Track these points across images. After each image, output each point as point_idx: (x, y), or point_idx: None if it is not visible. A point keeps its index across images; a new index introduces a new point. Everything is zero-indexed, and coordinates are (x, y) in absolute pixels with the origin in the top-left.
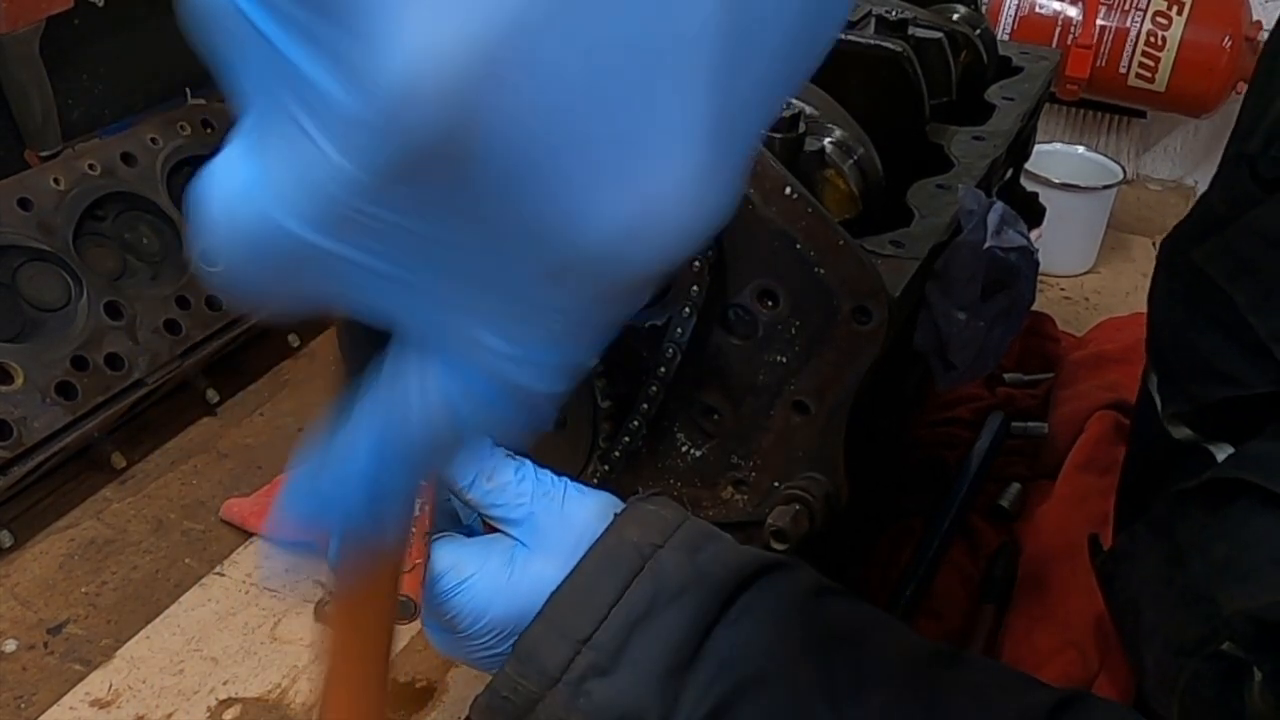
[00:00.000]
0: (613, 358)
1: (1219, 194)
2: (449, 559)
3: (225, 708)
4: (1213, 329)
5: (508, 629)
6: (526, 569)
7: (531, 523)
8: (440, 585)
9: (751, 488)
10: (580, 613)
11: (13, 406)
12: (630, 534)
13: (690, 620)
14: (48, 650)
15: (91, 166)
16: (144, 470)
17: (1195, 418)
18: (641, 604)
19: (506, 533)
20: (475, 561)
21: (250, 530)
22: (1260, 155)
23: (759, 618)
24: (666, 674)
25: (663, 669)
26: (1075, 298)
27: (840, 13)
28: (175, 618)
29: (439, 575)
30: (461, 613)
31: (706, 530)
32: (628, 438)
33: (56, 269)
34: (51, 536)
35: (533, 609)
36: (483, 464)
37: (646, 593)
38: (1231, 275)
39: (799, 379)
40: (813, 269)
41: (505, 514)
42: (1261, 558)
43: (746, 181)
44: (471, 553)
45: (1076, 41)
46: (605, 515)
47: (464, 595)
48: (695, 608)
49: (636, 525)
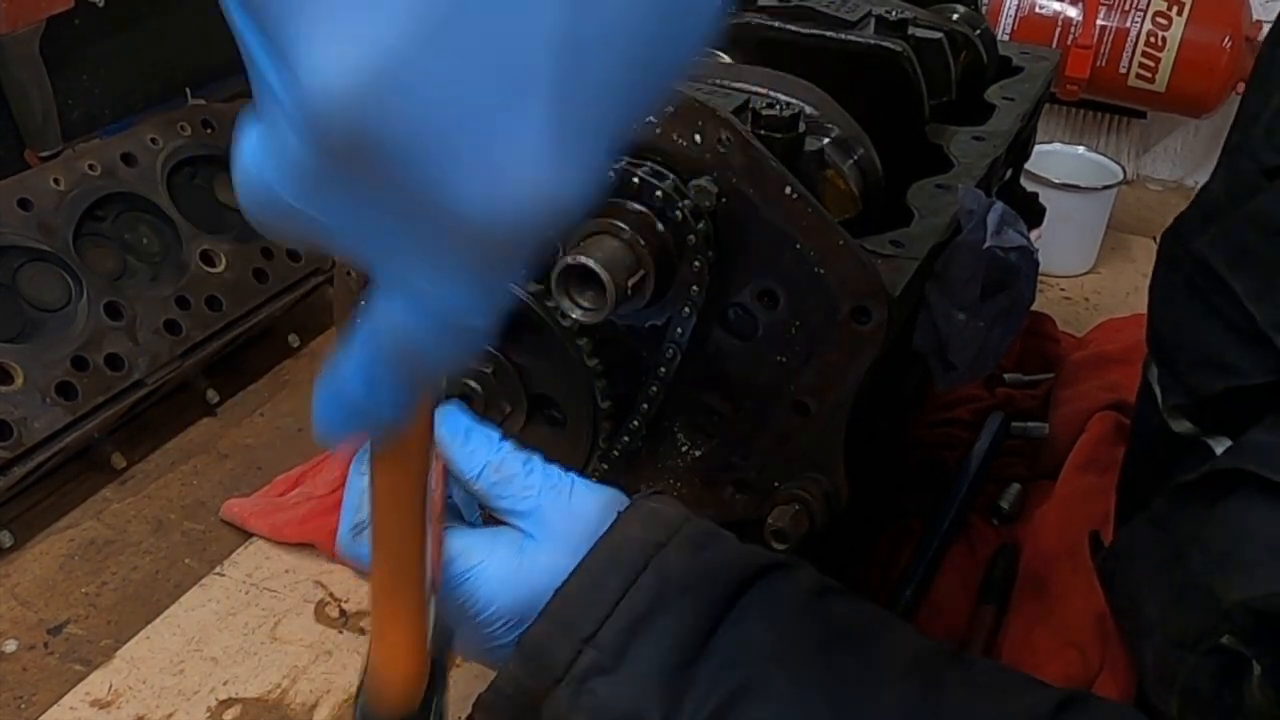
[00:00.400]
0: (613, 358)
1: (1220, 184)
2: (459, 545)
3: (225, 708)
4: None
5: (515, 618)
6: (535, 559)
7: (538, 515)
8: (450, 571)
9: (751, 488)
10: (584, 611)
11: (13, 406)
12: (634, 532)
13: (693, 620)
14: (48, 650)
15: (91, 167)
16: (144, 470)
17: (1195, 410)
18: (645, 604)
19: (514, 525)
20: (484, 549)
21: (250, 530)
22: (1262, 144)
23: (762, 618)
24: (669, 674)
25: (666, 669)
26: (1075, 298)
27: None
28: (175, 618)
29: (449, 560)
30: (471, 599)
31: (710, 529)
32: (628, 438)
33: (56, 269)
34: (51, 537)
35: (541, 599)
36: (491, 456)
37: (650, 592)
38: (1231, 264)
39: (799, 379)
40: (813, 269)
41: (512, 505)
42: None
43: (746, 181)
44: (481, 540)
45: (1076, 42)
46: (612, 510)
47: (474, 581)
48: (698, 608)
49: (640, 523)
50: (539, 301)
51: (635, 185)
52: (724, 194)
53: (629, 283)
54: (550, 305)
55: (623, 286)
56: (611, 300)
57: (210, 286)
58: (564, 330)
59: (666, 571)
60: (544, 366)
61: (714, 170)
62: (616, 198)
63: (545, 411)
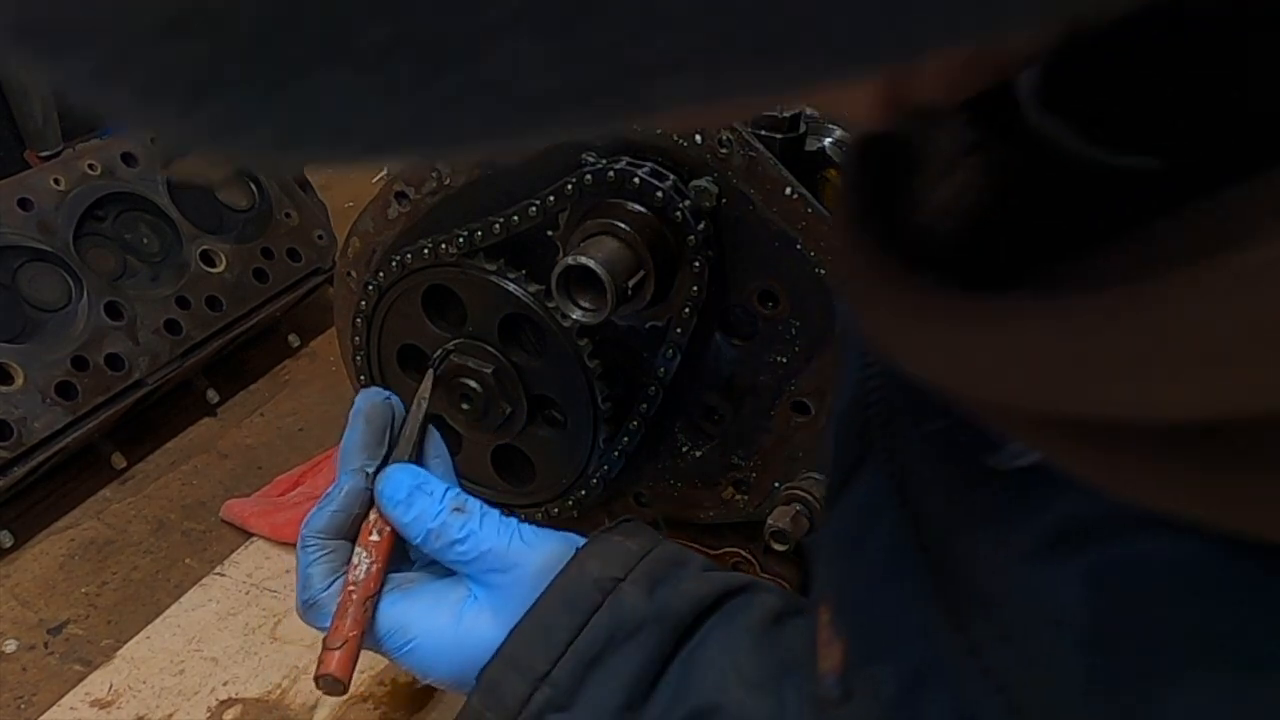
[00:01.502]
0: (613, 359)
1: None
2: (395, 619)
3: (225, 708)
4: None
5: (455, 681)
6: (476, 623)
7: (479, 576)
8: (387, 645)
9: (752, 488)
10: (538, 649)
11: (13, 406)
12: (591, 568)
13: (646, 657)
14: (48, 650)
15: (92, 166)
16: (144, 470)
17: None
18: (599, 642)
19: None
20: (422, 621)
21: (250, 530)
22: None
23: (714, 650)
24: (621, 710)
25: (618, 705)
26: None
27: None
28: (175, 618)
29: (385, 635)
30: (414, 667)
31: (672, 558)
32: (627, 438)
33: (56, 269)
34: (51, 536)
35: (476, 666)
36: (430, 523)
37: (603, 630)
38: None
39: (799, 379)
40: (813, 269)
41: (458, 568)
42: None
43: (746, 182)
44: (420, 611)
45: None
46: (561, 555)
47: (411, 656)
48: (652, 644)
49: (598, 559)
50: (539, 302)
51: (636, 185)
52: (724, 194)
53: (629, 283)
54: (550, 306)
55: (623, 287)
56: (612, 301)
57: (210, 286)
58: (564, 331)
59: (621, 609)
60: (544, 367)
61: (714, 170)
62: (616, 198)
63: (545, 412)
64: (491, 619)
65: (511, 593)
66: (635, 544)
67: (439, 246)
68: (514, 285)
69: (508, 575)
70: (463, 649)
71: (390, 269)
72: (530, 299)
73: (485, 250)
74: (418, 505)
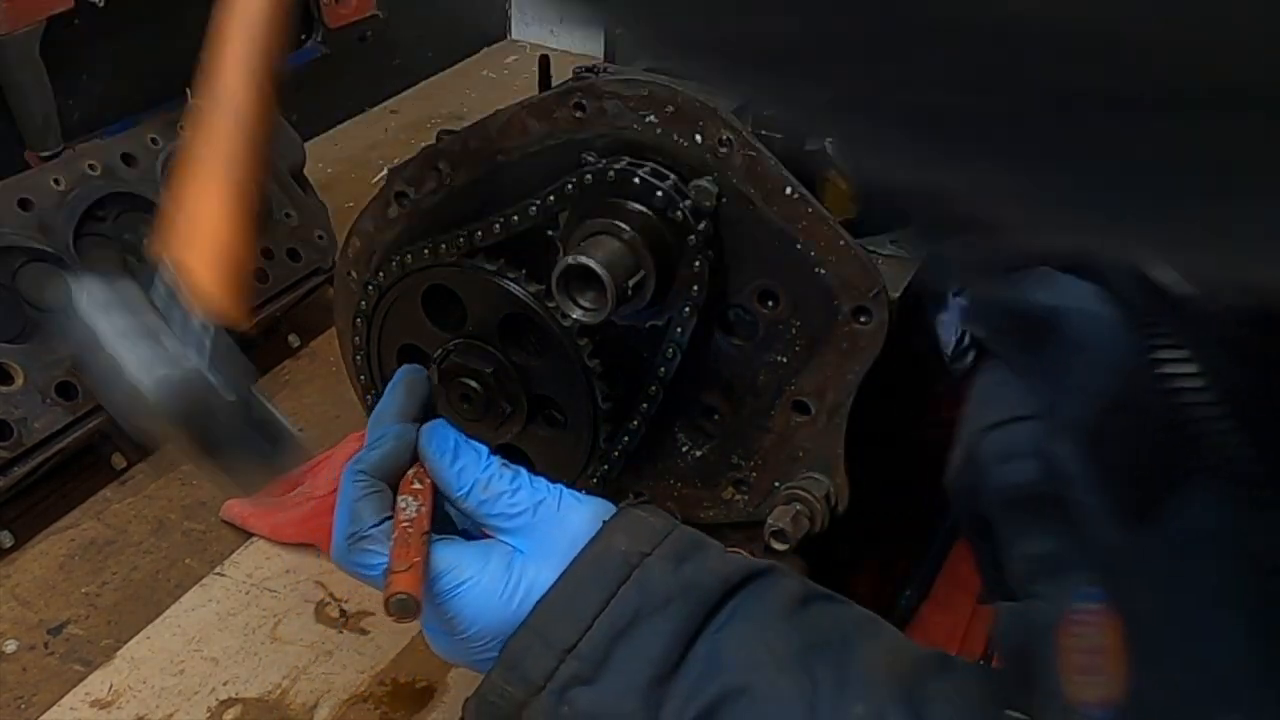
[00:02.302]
0: (613, 358)
1: None
2: (449, 559)
3: (225, 708)
4: None
5: (504, 634)
6: (524, 575)
7: (527, 530)
8: (439, 585)
9: (752, 488)
10: (565, 622)
11: (13, 406)
12: (618, 542)
13: (674, 631)
14: (48, 651)
15: (92, 167)
16: (144, 470)
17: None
18: (626, 615)
19: (503, 540)
20: (475, 564)
21: (250, 530)
22: None
23: (742, 628)
24: (649, 684)
25: (645, 680)
26: None
27: None
28: (175, 618)
29: (439, 574)
30: (459, 614)
31: (695, 538)
32: (627, 438)
33: (57, 269)
34: (51, 536)
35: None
36: (478, 474)
37: (631, 603)
38: None
39: (799, 379)
40: (813, 269)
41: (500, 522)
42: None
43: (746, 181)
44: (472, 555)
45: None
46: (598, 520)
47: (462, 597)
48: (679, 619)
49: (625, 533)
50: (539, 301)
51: (636, 185)
52: (724, 194)
53: (629, 283)
54: (550, 305)
55: (623, 287)
56: (612, 300)
57: None
58: (564, 330)
59: (649, 582)
60: (544, 367)
61: (714, 170)
62: (617, 198)
63: (545, 412)
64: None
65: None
66: (659, 521)
67: (439, 246)
68: (514, 285)
69: (558, 530)
70: (516, 594)
71: (390, 269)
72: (530, 299)
73: (485, 250)
74: (464, 457)
